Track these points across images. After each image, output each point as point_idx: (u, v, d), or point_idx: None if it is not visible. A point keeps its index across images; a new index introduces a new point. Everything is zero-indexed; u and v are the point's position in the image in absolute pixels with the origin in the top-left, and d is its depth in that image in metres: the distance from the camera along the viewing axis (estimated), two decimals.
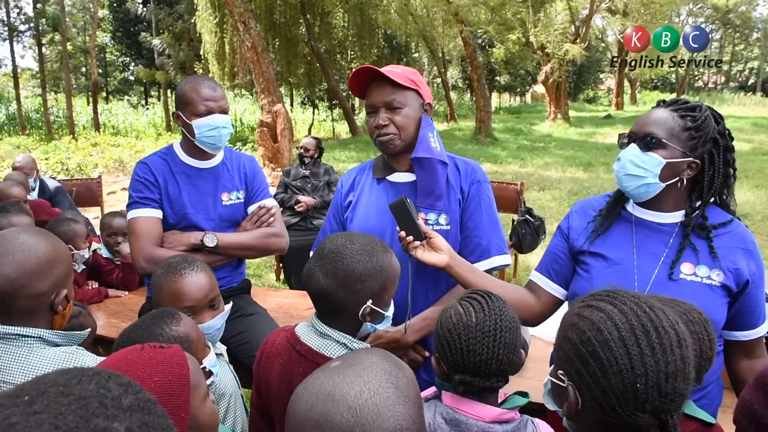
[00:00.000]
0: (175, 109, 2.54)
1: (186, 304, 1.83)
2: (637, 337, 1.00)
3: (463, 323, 1.40)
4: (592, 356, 1.01)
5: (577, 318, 1.08)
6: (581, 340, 1.04)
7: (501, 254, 2.07)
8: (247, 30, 12.22)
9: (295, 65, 19.97)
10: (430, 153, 1.97)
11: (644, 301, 1.07)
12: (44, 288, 1.50)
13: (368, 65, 1.99)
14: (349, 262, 1.49)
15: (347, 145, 17.64)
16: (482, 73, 19.38)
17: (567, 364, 1.07)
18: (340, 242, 1.53)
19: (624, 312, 1.04)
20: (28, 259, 1.48)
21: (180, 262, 1.89)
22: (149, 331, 1.48)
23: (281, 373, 1.60)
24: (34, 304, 1.50)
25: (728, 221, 1.72)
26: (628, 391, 0.98)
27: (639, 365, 0.98)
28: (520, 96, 44.49)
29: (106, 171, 13.17)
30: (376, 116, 2.00)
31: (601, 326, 1.03)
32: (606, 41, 37.96)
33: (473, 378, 1.38)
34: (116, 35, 30.13)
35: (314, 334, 1.60)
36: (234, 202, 2.62)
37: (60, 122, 22.39)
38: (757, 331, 1.75)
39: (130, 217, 2.47)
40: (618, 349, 1.00)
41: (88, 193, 5.87)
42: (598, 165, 13.91)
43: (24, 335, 1.49)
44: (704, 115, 1.67)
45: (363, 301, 1.53)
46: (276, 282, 6.07)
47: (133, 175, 2.52)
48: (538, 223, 5.14)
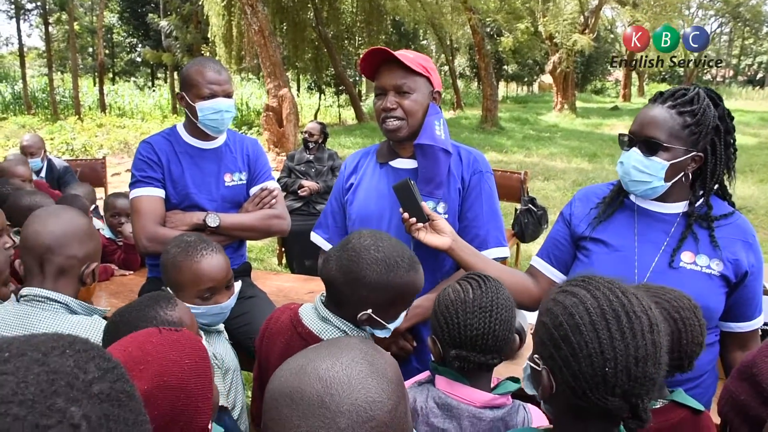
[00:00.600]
0: (179, 90, 2.54)
1: (208, 285, 1.85)
2: (608, 321, 1.01)
3: (461, 299, 1.43)
4: (564, 340, 1.02)
5: (552, 303, 1.09)
6: (554, 324, 1.05)
7: (499, 246, 2.06)
8: (255, 13, 12.18)
9: (302, 50, 19.89)
10: (433, 140, 1.96)
11: (617, 287, 1.07)
12: (79, 254, 1.72)
13: (381, 47, 1.98)
14: (364, 268, 1.49)
15: (353, 131, 17.62)
16: (490, 62, 19.31)
17: (541, 348, 1.08)
18: (367, 243, 1.52)
19: (596, 297, 1.04)
20: (72, 223, 1.72)
21: (198, 242, 1.89)
22: (143, 314, 1.48)
23: (282, 352, 1.62)
24: (67, 266, 1.70)
25: (730, 213, 1.74)
26: (598, 374, 0.99)
27: (608, 349, 0.99)
28: (527, 86, 44.26)
29: (111, 152, 13.18)
30: (384, 98, 1.98)
31: (573, 311, 1.04)
32: (615, 32, 37.70)
33: (469, 353, 1.39)
34: (124, 16, 30.11)
35: (316, 317, 1.61)
36: (236, 183, 2.62)
37: (66, 102, 22.38)
38: (753, 324, 1.76)
39: (133, 195, 2.48)
40: (588, 333, 1.00)
41: (93, 174, 5.89)
42: (603, 156, 13.88)
43: (53, 299, 1.66)
44: (702, 106, 1.66)
45: (364, 307, 1.54)
46: (278, 266, 6.09)
47: (136, 154, 2.52)
48: (541, 212, 5.15)
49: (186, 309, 1.59)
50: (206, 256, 1.86)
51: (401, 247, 1.58)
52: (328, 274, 1.55)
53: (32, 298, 1.65)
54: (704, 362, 1.71)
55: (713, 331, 1.77)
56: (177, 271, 1.85)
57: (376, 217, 2.05)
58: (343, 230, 2.20)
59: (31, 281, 1.70)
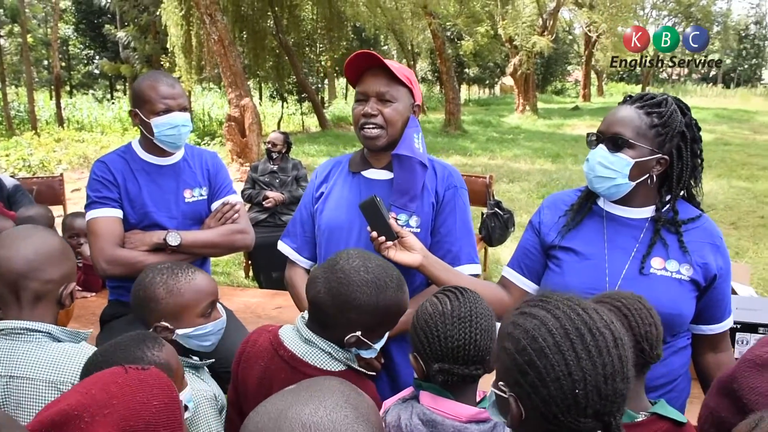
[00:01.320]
0: (132, 106, 2.46)
1: (210, 299, 1.81)
2: (572, 341, 0.98)
3: (439, 311, 1.40)
4: (529, 365, 0.99)
5: (512, 327, 1.05)
6: (517, 349, 1.01)
7: (471, 263, 2.03)
8: (214, 23, 12.04)
9: (263, 58, 19.72)
10: (412, 152, 1.93)
11: (577, 303, 1.05)
12: (56, 276, 1.60)
13: (369, 51, 1.94)
14: (354, 290, 1.47)
15: (317, 138, 17.54)
16: (451, 66, 19.45)
17: (506, 374, 1.04)
18: (355, 265, 1.50)
19: (557, 317, 1.01)
20: (45, 245, 1.60)
21: (178, 265, 1.84)
22: (129, 353, 1.40)
23: (261, 376, 1.58)
24: (44, 291, 1.58)
25: (697, 216, 1.75)
26: (568, 397, 0.96)
27: (576, 370, 0.96)
28: (488, 88, 44.68)
29: (70, 167, 12.88)
30: (365, 104, 1.94)
31: (535, 333, 1.00)
32: (573, 34, 38.35)
33: (452, 365, 1.36)
34: (79, 27, 29.54)
35: (299, 339, 1.58)
36: (197, 199, 2.56)
37: (21, 117, 21.80)
38: (723, 325, 1.78)
39: (89, 217, 2.40)
40: (554, 356, 0.97)
41: (50, 192, 5.71)
42: (566, 156, 14.06)
43: (33, 329, 1.54)
44: (670, 110, 1.68)
45: (353, 330, 1.51)
46: (245, 279, 6.01)
47: (90, 175, 2.45)
48: (507, 215, 5.17)
49: (173, 352, 1.51)
50: (197, 273, 1.83)
51: (388, 266, 1.56)
52: (316, 296, 1.52)
53: (11, 332, 1.53)
54: (677, 366, 1.73)
55: (685, 335, 1.78)
56: (176, 295, 1.76)
57: (346, 228, 2.01)
58: (312, 240, 2.16)
59: (7, 312, 1.58)
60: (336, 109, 25.92)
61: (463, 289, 1.47)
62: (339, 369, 1.57)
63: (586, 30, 27.24)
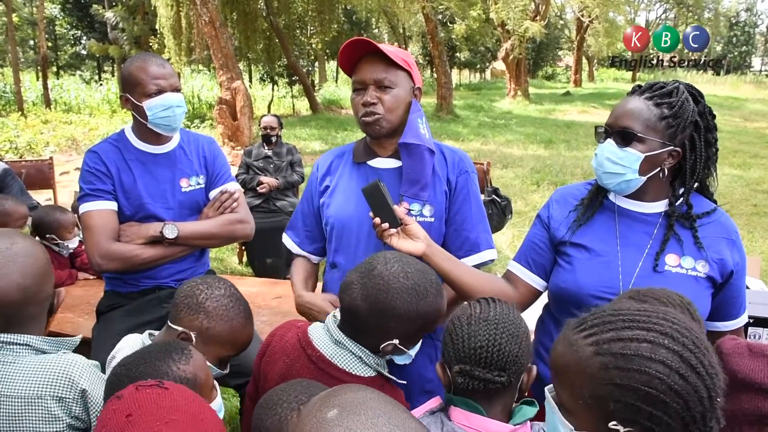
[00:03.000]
0: (121, 92, 2.36)
1: (239, 350, 1.67)
2: (694, 352, 0.94)
3: (467, 314, 1.35)
4: (668, 394, 0.92)
5: (615, 358, 0.96)
6: (643, 381, 0.93)
7: (489, 248, 1.99)
8: (205, 4, 11.88)
9: (253, 40, 19.51)
10: (419, 139, 1.86)
11: (656, 312, 1.00)
12: (50, 290, 1.47)
13: (363, 38, 1.86)
14: (395, 298, 1.42)
15: (308, 122, 17.42)
16: (443, 50, 19.33)
17: (626, 411, 0.95)
18: (395, 270, 1.44)
19: (664, 333, 0.96)
20: (34, 264, 1.41)
21: (235, 295, 1.67)
22: (154, 368, 1.30)
23: (284, 373, 1.53)
24: (41, 309, 1.46)
25: (712, 210, 1.69)
26: (708, 409, 0.92)
27: (709, 381, 0.93)
28: (480, 72, 44.55)
29: (58, 150, 12.71)
30: (364, 93, 1.86)
31: (660, 358, 0.93)
32: (565, 19, 38.23)
33: (473, 367, 1.29)
34: (66, 7, 29.04)
35: (329, 339, 1.53)
36: (194, 188, 2.46)
37: (7, 98, 21.47)
38: (738, 322, 1.73)
39: (83, 211, 2.30)
40: (690, 375, 0.92)
41: (39, 175, 5.63)
42: (558, 142, 14.05)
43: (11, 342, 1.40)
44: (681, 99, 1.60)
45: (390, 337, 1.47)
46: (239, 266, 5.96)
47: (83, 166, 2.34)
48: (505, 203, 5.13)
49: (202, 363, 1.40)
50: (249, 322, 1.68)
51: (427, 270, 1.51)
52: (352, 303, 1.46)
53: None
54: None
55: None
56: (227, 325, 1.61)
57: (355, 221, 1.94)
58: (313, 234, 2.10)
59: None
60: (327, 93, 25.77)
61: (497, 299, 1.40)
62: (369, 375, 1.51)
63: (578, 15, 27.16)
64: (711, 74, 38.16)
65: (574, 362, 1.00)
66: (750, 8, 50.45)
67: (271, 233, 3.73)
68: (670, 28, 6.06)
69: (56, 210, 3.33)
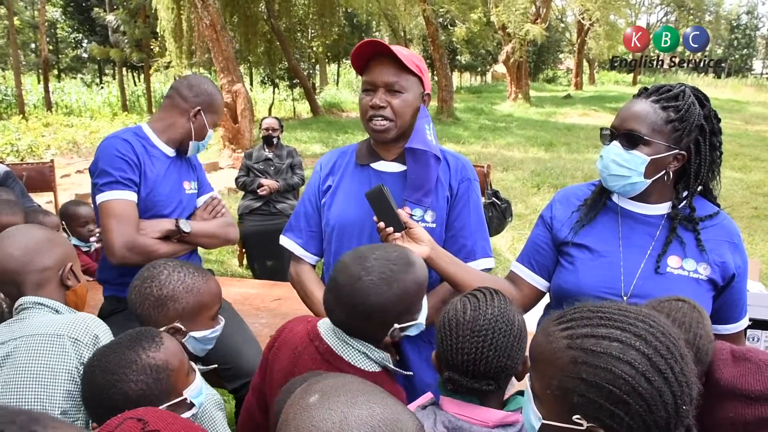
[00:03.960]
0: (195, 104, 2.42)
1: (221, 301, 1.81)
2: (664, 357, 0.94)
3: (457, 319, 1.34)
4: (631, 395, 0.92)
5: (587, 354, 0.97)
6: (608, 380, 0.94)
7: (486, 257, 1.99)
8: (206, 7, 11.89)
9: (254, 43, 19.54)
10: (426, 145, 1.85)
11: (635, 312, 1.01)
12: (50, 263, 1.69)
13: (376, 39, 1.86)
14: (368, 296, 1.42)
15: (309, 125, 17.43)
16: (444, 53, 19.33)
17: (589, 407, 0.96)
18: (355, 273, 1.44)
19: (638, 334, 0.96)
20: (29, 239, 1.69)
21: (185, 263, 1.77)
22: (123, 356, 1.33)
23: (291, 363, 1.54)
24: (44, 278, 1.68)
25: (715, 213, 1.69)
26: (672, 415, 0.92)
27: (677, 386, 0.92)
28: (480, 75, 44.53)
29: (59, 153, 12.72)
30: (373, 95, 1.86)
31: (627, 359, 0.94)
32: (566, 22, 38.25)
33: (461, 377, 1.31)
34: (67, 10, 29.10)
35: (335, 336, 1.54)
36: (192, 192, 2.55)
37: (9, 101, 21.53)
38: (739, 325, 1.74)
39: (109, 198, 2.22)
40: (656, 379, 0.92)
41: (40, 177, 5.63)
42: (559, 145, 14.04)
43: (42, 304, 1.65)
44: (688, 102, 1.61)
45: (389, 327, 1.48)
46: (239, 268, 5.96)
47: (110, 150, 2.25)
48: (505, 206, 5.12)
49: (176, 348, 1.43)
50: (207, 273, 1.80)
51: (386, 252, 1.49)
52: (338, 320, 1.50)
53: (23, 308, 1.64)
54: None
55: None
56: (196, 294, 1.69)
57: (358, 222, 1.94)
58: (318, 235, 2.09)
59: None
60: (328, 96, 25.78)
61: (493, 295, 1.39)
62: (374, 370, 1.52)
63: (579, 18, 27.16)
64: (712, 77, 38.19)
65: (548, 352, 1.03)
66: (751, 11, 50.47)
67: (272, 235, 3.72)
68: (670, 28, 6.06)
69: (39, 213, 3.34)
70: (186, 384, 1.45)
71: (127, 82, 24.36)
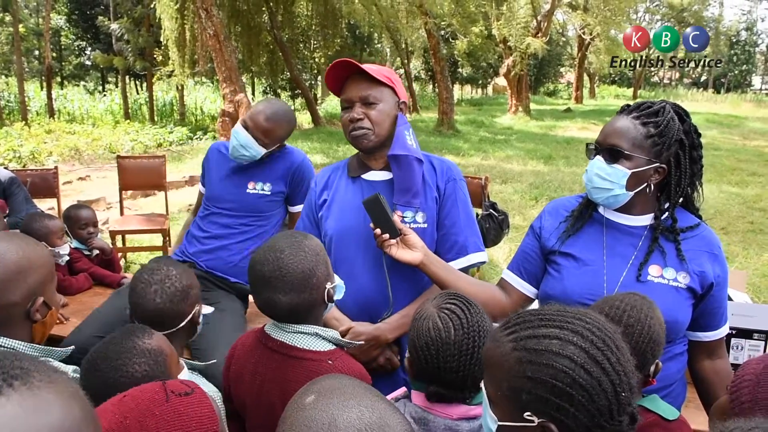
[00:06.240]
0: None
1: None
2: (600, 349, 1.00)
3: (441, 339, 1.39)
4: (573, 386, 0.98)
5: (531, 354, 1.03)
6: (552, 374, 1.00)
7: (478, 251, 2.10)
8: (210, 17, 12.01)
9: (257, 54, 19.68)
10: (407, 150, 1.98)
11: (571, 311, 1.09)
12: (15, 298, 1.41)
13: (346, 59, 1.99)
14: (296, 268, 1.53)
15: (310, 135, 17.49)
16: (445, 65, 19.45)
17: (537, 403, 1.02)
18: (271, 258, 1.54)
19: (575, 330, 1.03)
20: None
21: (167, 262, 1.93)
22: (121, 346, 1.45)
23: (253, 371, 1.61)
24: (6, 315, 1.41)
25: (695, 225, 1.78)
26: (613, 403, 0.98)
27: (614, 375, 0.99)
28: (481, 88, 44.75)
29: (61, 159, 12.79)
30: (351, 110, 2.01)
31: (567, 353, 1.00)
32: (566, 36, 38.49)
33: (447, 391, 1.40)
34: (72, 18, 29.25)
35: (282, 330, 1.61)
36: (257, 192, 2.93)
37: (11, 107, 21.65)
38: (719, 332, 1.80)
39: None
40: (594, 369, 0.99)
41: (44, 184, 5.69)
42: (558, 158, 14.10)
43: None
44: (666, 118, 1.70)
45: (323, 290, 1.60)
46: None
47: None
48: (502, 217, 5.18)
49: (165, 339, 1.56)
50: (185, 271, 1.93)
51: (282, 233, 1.68)
52: (283, 306, 1.57)
53: None
54: (673, 371, 1.75)
55: (681, 341, 1.80)
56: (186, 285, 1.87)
57: (354, 231, 2.05)
58: None
59: None
60: (329, 106, 25.90)
61: (468, 307, 1.44)
62: (329, 348, 1.61)
63: (580, 32, 27.33)
64: (711, 92, 38.34)
65: (496, 357, 1.09)
66: (750, 27, 50.74)
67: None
68: (669, 28, 6.16)
69: (44, 216, 3.33)
70: (177, 372, 1.57)
71: (129, 90, 24.45)
